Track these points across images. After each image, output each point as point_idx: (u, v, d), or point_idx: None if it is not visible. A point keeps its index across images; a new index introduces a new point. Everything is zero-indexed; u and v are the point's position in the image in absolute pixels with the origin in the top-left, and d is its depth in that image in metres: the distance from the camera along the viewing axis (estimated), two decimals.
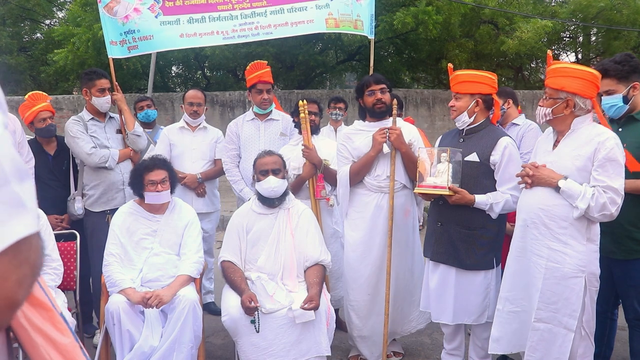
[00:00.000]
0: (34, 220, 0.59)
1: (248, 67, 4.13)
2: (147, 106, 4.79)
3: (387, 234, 3.32)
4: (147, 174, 3.21)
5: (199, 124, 4.37)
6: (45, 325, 0.75)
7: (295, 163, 3.68)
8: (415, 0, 11.44)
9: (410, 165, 3.28)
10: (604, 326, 3.11)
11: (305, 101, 3.68)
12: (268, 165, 3.25)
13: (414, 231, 3.51)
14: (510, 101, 4.10)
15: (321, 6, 4.12)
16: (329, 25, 4.18)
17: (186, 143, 4.26)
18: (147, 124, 4.72)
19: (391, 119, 3.35)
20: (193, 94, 4.40)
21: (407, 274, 3.46)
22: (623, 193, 2.49)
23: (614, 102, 2.84)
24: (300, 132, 3.77)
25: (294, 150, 3.76)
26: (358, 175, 3.36)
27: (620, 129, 2.88)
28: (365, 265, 3.39)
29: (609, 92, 2.85)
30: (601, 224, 2.72)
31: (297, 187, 3.67)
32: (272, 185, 3.22)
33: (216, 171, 4.36)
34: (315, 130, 3.86)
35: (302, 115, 3.60)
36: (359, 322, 3.43)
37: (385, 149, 3.26)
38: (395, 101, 3.33)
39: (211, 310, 4.34)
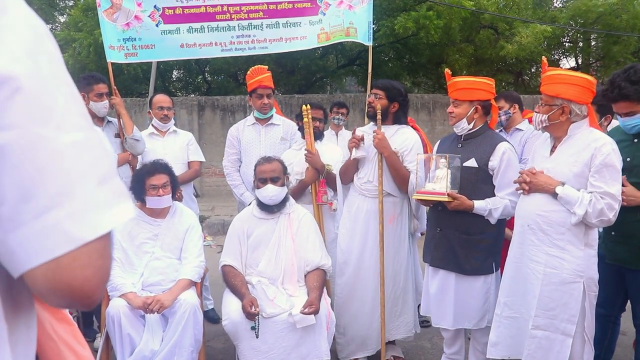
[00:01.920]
0: (133, 207, 0.69)
1: (249, 72, 4.15)
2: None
3: (365, 238, 3.40)
4: (148, 179, 3.22)
5: (169, 129, 4.34)
6: (70, 338, 0.82)
7: (299, 168, 3.70)
8: (416, 5, 11.48)
9: (392, 171, 3.32)
10: (606, 329, 3.11)
11: (308, 106, 3.68)
12: (266, 173, 3.27)
13: (401, 240, 3.48)
14: (516, 106, 4.12)
15: (314, 22, 4.27)
16: (320, 40, 4.34)
17: (158, 148, 4.19)
18: None
19: (393, 125, 3.42)
20: (162, 98, 4.37)
21: (389, 282, 3.41)
22: (620, 198, 2.50)
23: (635, 122, 2.76)
24: (304, 137, 3.77)
25: (298, 155, 3.77)
26: (344, 175, 3.55)
27: (635, 140, 2.86)
28: (347, 265, 3.48)
29: (628, 114, 2.77)
30: (617, 234, 2.74)
31: (299, 192, 3.68)
32: (270, 194, 3.23)
33: (192, 173, 4.34)
34: (319, 135, 3.85)
35: (305, 119, 3.60)
36: (338, 317, 3.46)
37: (356, 153, 3.35)
38: (378, 105, 3.31)
39: (210, 318, 4.27)
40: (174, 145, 4.29)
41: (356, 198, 3.47)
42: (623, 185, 2.70)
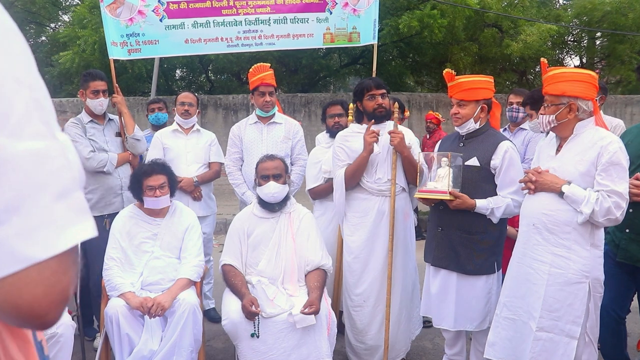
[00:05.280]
0: (94, 226, 0.64)
1: (251, 70, 4.14)
2: (158, 109, 4.77)
3: (388, 239, 3.30)
4: (145, 179, 3.20)
5: (192, 126, 4.29)
6: (20, 357, 0.73)
7: (327, 166, 3.69)
8: (419, 3, 11.43)
9: (410, 168, 3.28)
10: (619, 331, 3.08)
11: (397, 103, 3.56)
12: (269, 170, 3.25)
13: (412, 235, 3.50)
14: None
15: (321, 20, 4.26)
16: (326, 40, 4.34)
17: (180, 146, 4.18)
18: (158, 127, 4.68)
19: (387, 122, 3.35)
20: (184, 94, 4.37)
21: (408, 279, 3.45)
22: (628, 197, 2.48)
23: None
24: (331, 136, 3.83)
25: (326, 153, 3.76)
26: (353, 177, 3.33)
27: None
28: (368, 271, 3.36)
29: None
30: (631, 232, 2.73)
31: (328, 189, 3.64)
32: (272, 190, 3.21)
33: (212, 174, 4.28)
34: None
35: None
36: (363, 328, 3.40)
37: (376, 149, 3.25)
38: (396, 105, 3.31)
39: (211, 317, 4.27)
40: (196, 145, 4.24)
41: (374, 200, 3.33)
42: (638, 180, 2.69)
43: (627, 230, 2.85)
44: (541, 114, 2.65)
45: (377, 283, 3.35)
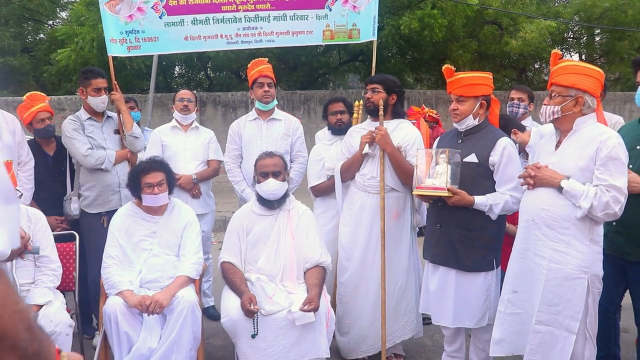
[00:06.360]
0: (5, 241, 0.60)
1: (249, 65, 4.14)
2: (129, 108, 4.76)
3: (369, 235, 3.37)
4: (143, 177, 3.19)
5: (191, 123, 4.30)
6: None
7: (329, 163, 3.72)
8: (420, 2, 11.41)
9: (396, 167, 3.30)
10: (609, 326, 3.08)
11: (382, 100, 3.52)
12: (268, 167, 3.24)
13: (403, 236, 3.46)
14: (532, 104, 4.19)
15: (321, 17, 4.23)
16: (325, 37, 4.32)
17: (179, 143, 4.18)
18: None
19: (394, 120, 3.40)
20: (183, 91, 4.40)
21: (392, 279, 3.40)
22: (627, 192, 2.47)
23: None
24: (333, 134, 3.90)
25: (329, 150, 3.77)
26: (347, 172, 3.48)
27: None
28: (350, 262, 3.46)
29: None
30: (618, 224, 2.71)
31: (331, 186, 3.67)
32: (272, 188, 3.20)
33: (211, 172, 4.28)
34: (342, 130, 3.81)
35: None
36: (341, 316, 3.50)
37: (365, 149, 3.31)
38: (381, 102, 3.30)
39: (210, 314, 4.28)
40: (195, 142, 4.25)
41: (359, 195, 3.44)
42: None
43: (614, 223, 2.86)
44: (545, 104, 2.64)
45: (354, 277, 3.43)
